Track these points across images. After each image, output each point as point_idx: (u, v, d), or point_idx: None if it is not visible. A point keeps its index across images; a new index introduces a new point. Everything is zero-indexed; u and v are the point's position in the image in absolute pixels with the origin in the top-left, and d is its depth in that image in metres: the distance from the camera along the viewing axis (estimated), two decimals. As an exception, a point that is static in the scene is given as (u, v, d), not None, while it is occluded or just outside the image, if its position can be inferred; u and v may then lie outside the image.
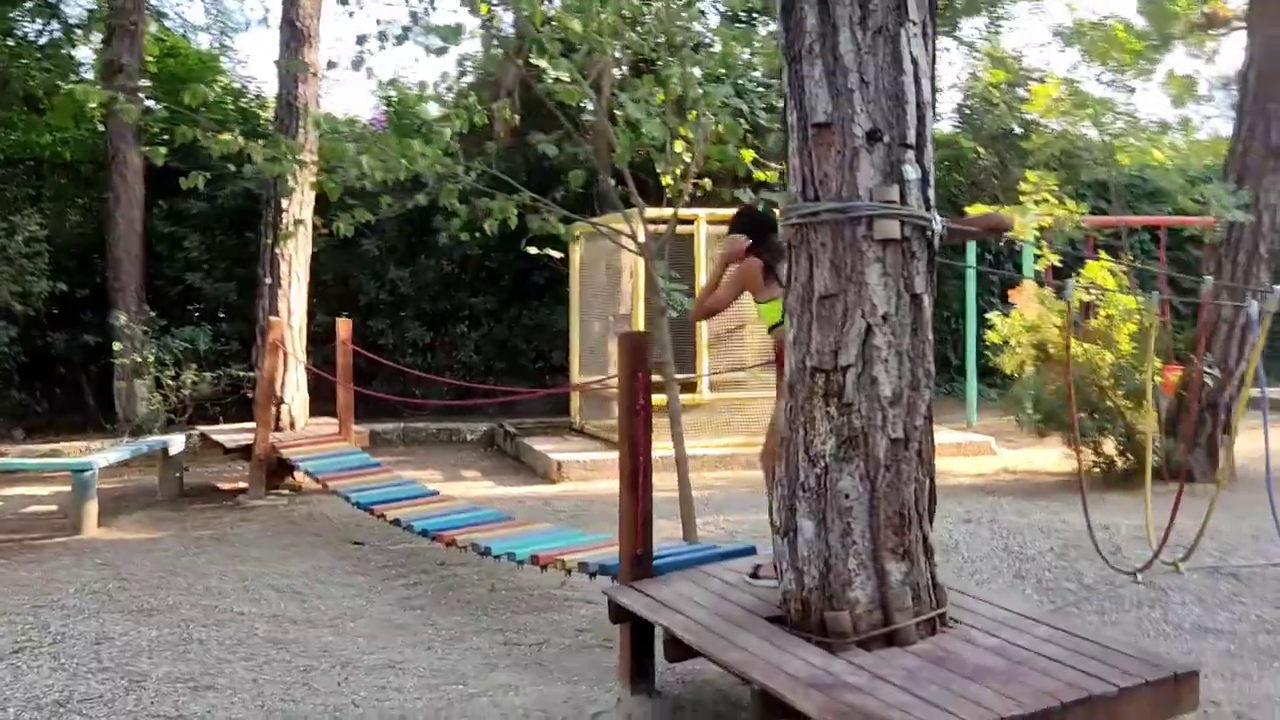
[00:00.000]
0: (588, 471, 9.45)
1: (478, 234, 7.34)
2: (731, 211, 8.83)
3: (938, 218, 3.43)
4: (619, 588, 4.17)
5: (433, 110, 15.64)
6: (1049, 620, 3.67)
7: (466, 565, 6.60)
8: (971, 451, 10.32)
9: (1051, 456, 9.42)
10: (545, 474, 9.63)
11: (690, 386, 10.11)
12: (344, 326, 9.06)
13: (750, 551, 4.64)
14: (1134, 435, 8.77)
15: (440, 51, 6.20)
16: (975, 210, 11.28)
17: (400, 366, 11.17)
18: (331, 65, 6.63)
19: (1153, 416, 7.01)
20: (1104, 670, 3.16)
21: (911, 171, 3.38)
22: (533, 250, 8.15)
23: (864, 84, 3.38)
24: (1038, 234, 9.31)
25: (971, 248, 11.87)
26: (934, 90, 3.50)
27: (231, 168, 7.21)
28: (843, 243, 3.40)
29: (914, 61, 3.40)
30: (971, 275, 11.84)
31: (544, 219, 7.24)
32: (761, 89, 13.30)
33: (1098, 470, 8.84)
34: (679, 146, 7.39)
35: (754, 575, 4.27)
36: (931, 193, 3.47)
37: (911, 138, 3.40)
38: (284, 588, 6.27)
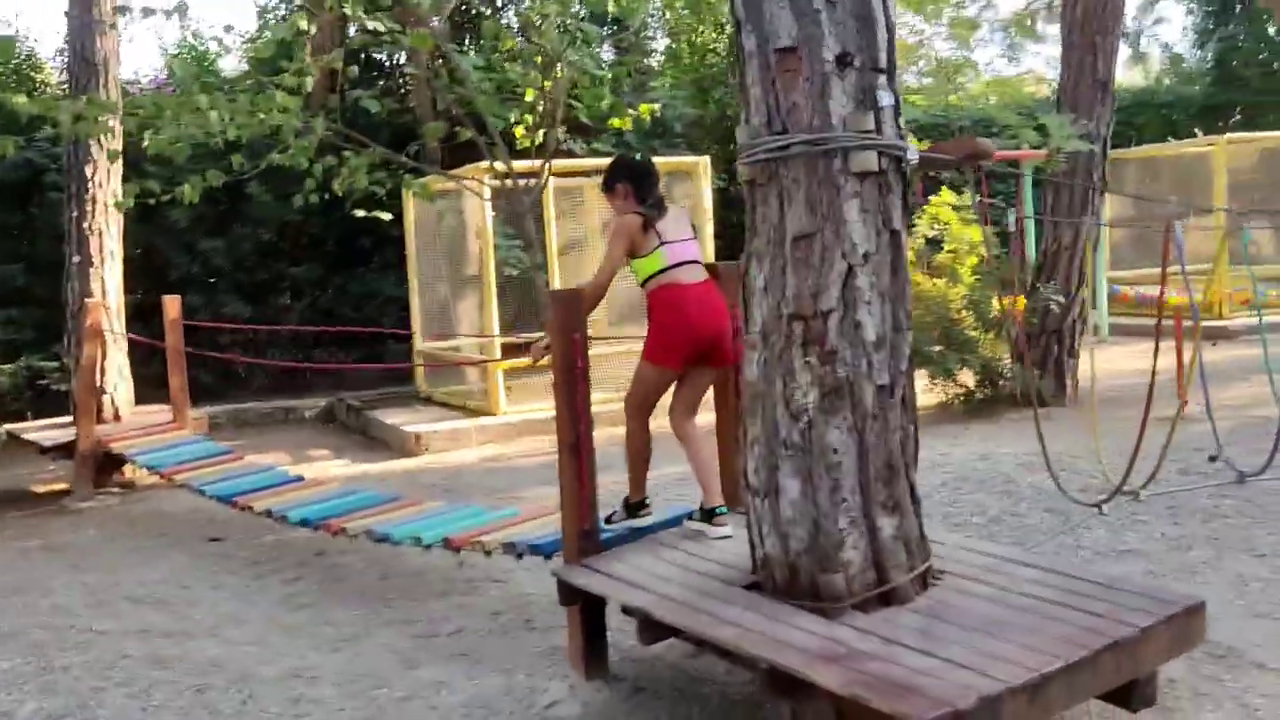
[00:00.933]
0: (449, 442, 8.99)
1: (326, 195, 6.76)
2: (572, 162, 8.45)
3: (912, 147, 3.21)
4: (570, 568, 3.82)
5: (226, 67, 14.57)
6: (1031, 561, 3.56)
7: (348, 553, 6.10)
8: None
9: (910, 391, 9.53)
10: (402, 448, 9.09)
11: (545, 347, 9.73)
12: (172, 304, 8.23)
13: (688, 516, 4.38)
14: (990, 364, 9.00)
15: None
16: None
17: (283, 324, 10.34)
18: (149, 12, 5.85)
19: (1097, 343, 7.13)
20: (1116, 611, 3.05)
21: (885, 97, 3.14)
22: (360, 213, 7.60)
23: (830, 4, 3.11)
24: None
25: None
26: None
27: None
28: (817, 177, 3.14)
29: (880, -22, 3.15)
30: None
31: (398, 176, 6.74)
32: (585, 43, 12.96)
33: (958, 402, 9.03)
34: (531, 95, 7.01)
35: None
36: (902, 121, 3.24)
37: (883, 61, 3.16)
38: (143, 598, 5.63)
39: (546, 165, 6.49)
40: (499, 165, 6.31)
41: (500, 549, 4.44)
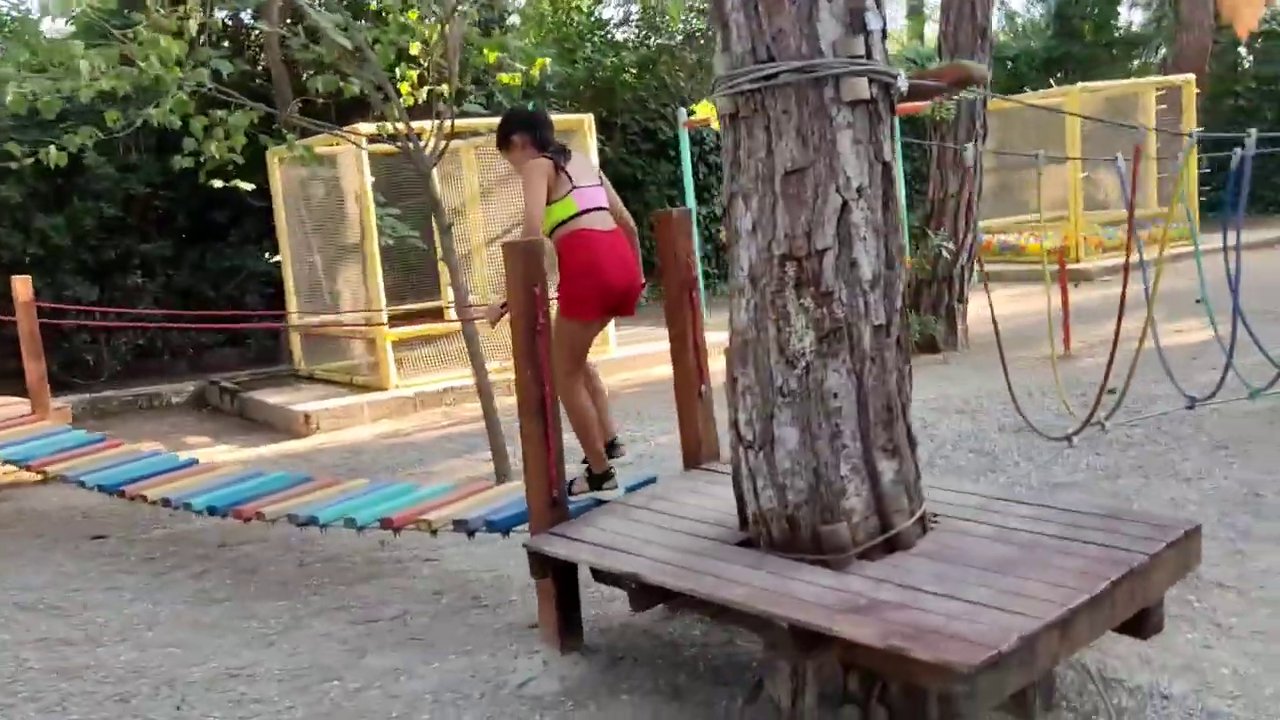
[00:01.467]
0: (340, 420, 8.57)
1: (202, 160, 6.25)
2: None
3: (902, 73, 3.07)
4: (545, 537, 3.58)
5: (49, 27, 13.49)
6: (1019, 497, 3.51)
7: (254, 542, 5.71)
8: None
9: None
10: (289, 429, 8.61)
11: (438, 314, 9.38)
12: (23, 285, 7.53)
13: (652, 481, 4.20)
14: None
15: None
16: (703, 109, 11.14)
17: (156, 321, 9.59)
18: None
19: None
20: (1121, 540, 3.02)
21: (874, 20, 2.99)
22: (218, 184, 7.10)
23: (814, -80, 2.93)
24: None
25: (685, 139, 11.65)
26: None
27: None
28: (808, 108, 2.97)
29: (863, -107, 2.99)
30: (687, 168, 11.62)
31: (279, 136, 6.29)
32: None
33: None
34: (415, 49, 6.66)
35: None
36: (887, 45, 3.10)
37: (870, -18, 3.00)
38: (32, 604, 5.11)
39: (441, 123, 6.13)
40: (400, 125, 5.92)
41: (450, 527, 4.16)
